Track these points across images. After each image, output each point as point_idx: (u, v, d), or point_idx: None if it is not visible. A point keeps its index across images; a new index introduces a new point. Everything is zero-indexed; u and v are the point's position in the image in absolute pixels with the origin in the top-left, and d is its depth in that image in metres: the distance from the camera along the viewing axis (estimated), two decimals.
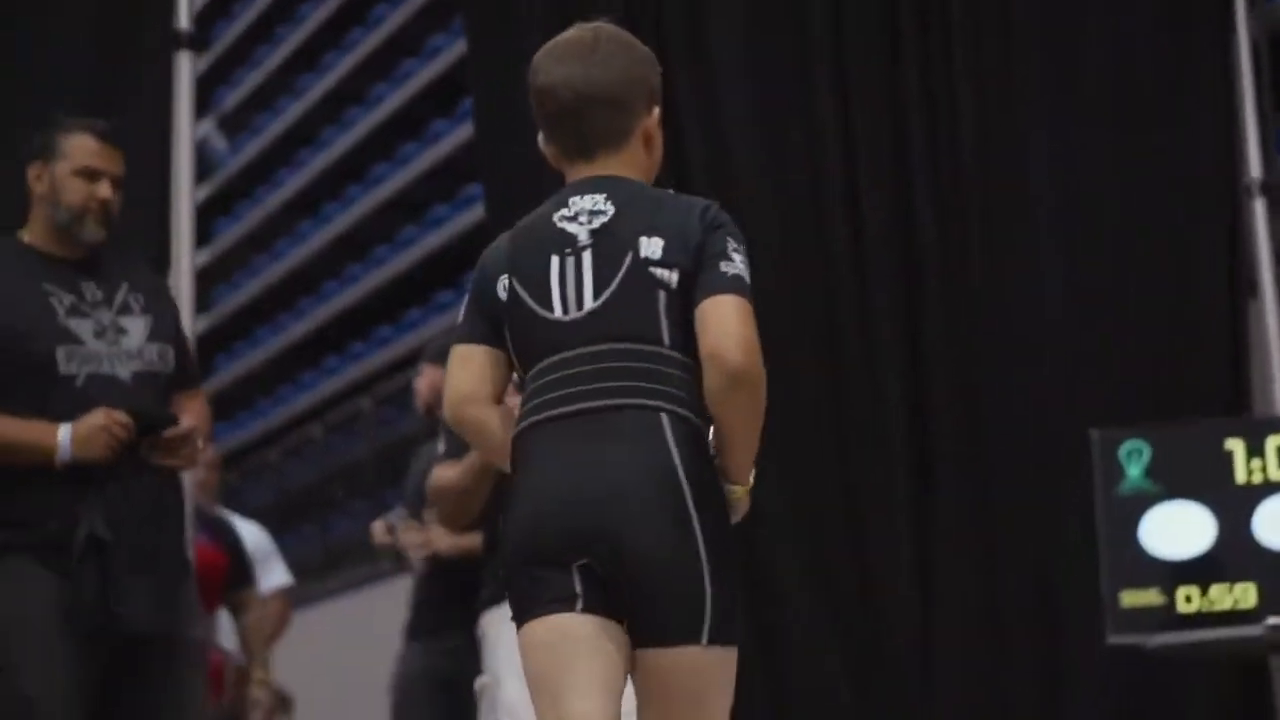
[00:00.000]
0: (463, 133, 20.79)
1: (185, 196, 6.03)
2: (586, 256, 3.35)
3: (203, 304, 26.09)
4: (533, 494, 3.31)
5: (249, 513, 14.43)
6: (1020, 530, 6.43)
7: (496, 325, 3.42)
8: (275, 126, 27.86)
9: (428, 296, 22.72)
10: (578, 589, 3.25)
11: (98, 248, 4.96)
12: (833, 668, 6.37)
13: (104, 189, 4.91)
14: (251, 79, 28.83)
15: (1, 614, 4.79)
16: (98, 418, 4.76)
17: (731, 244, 3.35)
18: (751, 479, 3.42)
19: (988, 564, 6.44)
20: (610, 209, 3.38)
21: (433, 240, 22.93)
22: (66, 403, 4.80)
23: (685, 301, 3.31)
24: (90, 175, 4.91)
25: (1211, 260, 6.54)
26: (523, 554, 3.32)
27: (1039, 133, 6.61)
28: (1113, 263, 6.54)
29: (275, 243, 27.56)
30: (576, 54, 3.44)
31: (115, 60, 5.96)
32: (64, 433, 4.77)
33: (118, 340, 4.88)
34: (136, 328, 4.93)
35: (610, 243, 3.35)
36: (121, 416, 4.77)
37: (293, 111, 27.31)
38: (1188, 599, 5.92)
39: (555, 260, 3.37)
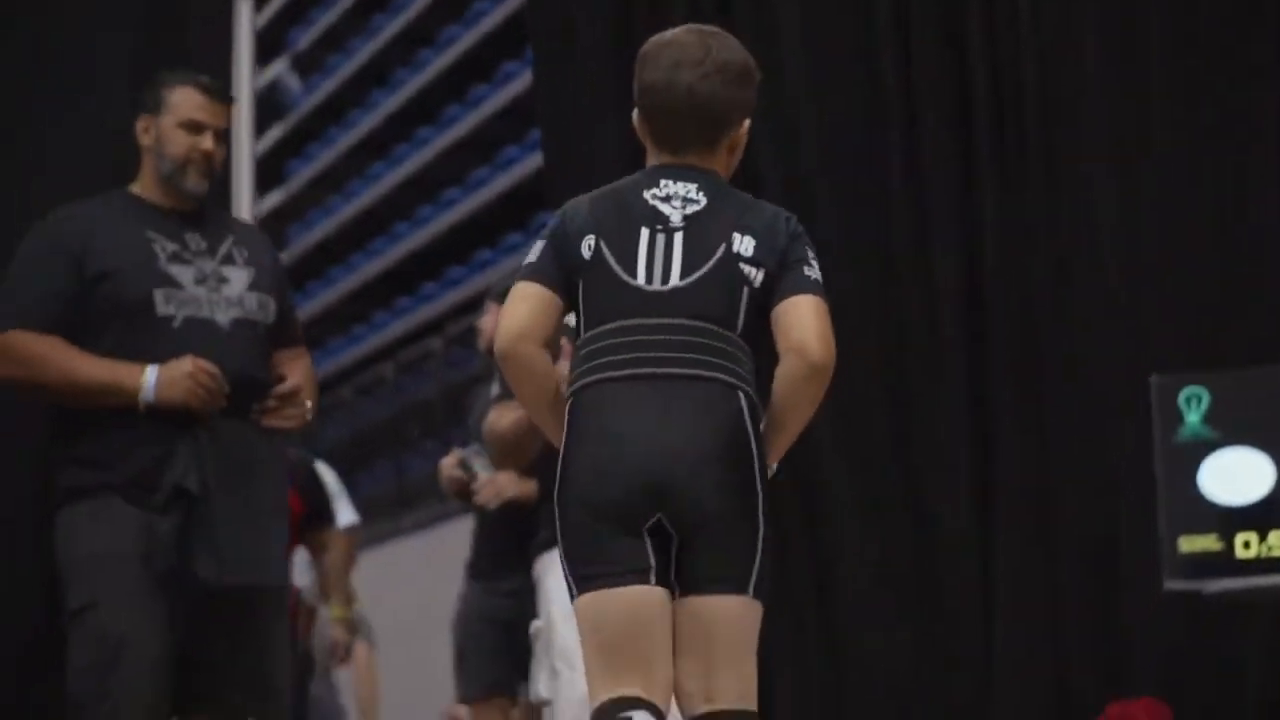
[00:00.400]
0: None
1: (245, 144, 6.14)
2: (678, 238, 3.55)
3: (277, 244, 26.14)
4: (607, 443, 3.47)
5: (323, 451, 14.55)
6: (1079, 476, 6.45)
7: (569, 278, 3.57)
8: (348, 67, 27.90)
9: (498, 237, 22.76)
10: (651, 560, 3.45)
11: (201, 199, 5.08)
12: (890, 614, 6.42)
13: (207, 141, 5.05)
14: (324, 19, 28.89)
15: (89, 552, 4.89)
16: (185, 365, 4.84)
17: (810, 253, 3.61)
18: (775, 467, 3.63)
19: (1046, 509, 6.47)
20: (703, 199, 3.59)
21: (503, 181, 22.95)
22: (163, 344, 4.90)
23: (763, 300, 3.55)
24: (194, 128, 5.04)
25: (1272, 206, 6.51)
26: (590, 505, 3.46)
27: (1099, 82, 6.61)
28: (1172, 208, 6.53)
29: (348, 183, 27.63)
30: (689, 62, 3.61)
31: (176, 7, 6.02)
32: (149, 375, 4.86)
33: (218, 288, 4.98)
34: (239, 278, 5.04)
35: (703, 231, 3.56)
36: (208, 365, 4.85)
37: (365, 51, 27.34)
38: (1246, 545, 5.91)
39: (645, 232, 3.56)
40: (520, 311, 3.54)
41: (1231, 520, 5.92)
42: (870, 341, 6.53)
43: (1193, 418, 5.97)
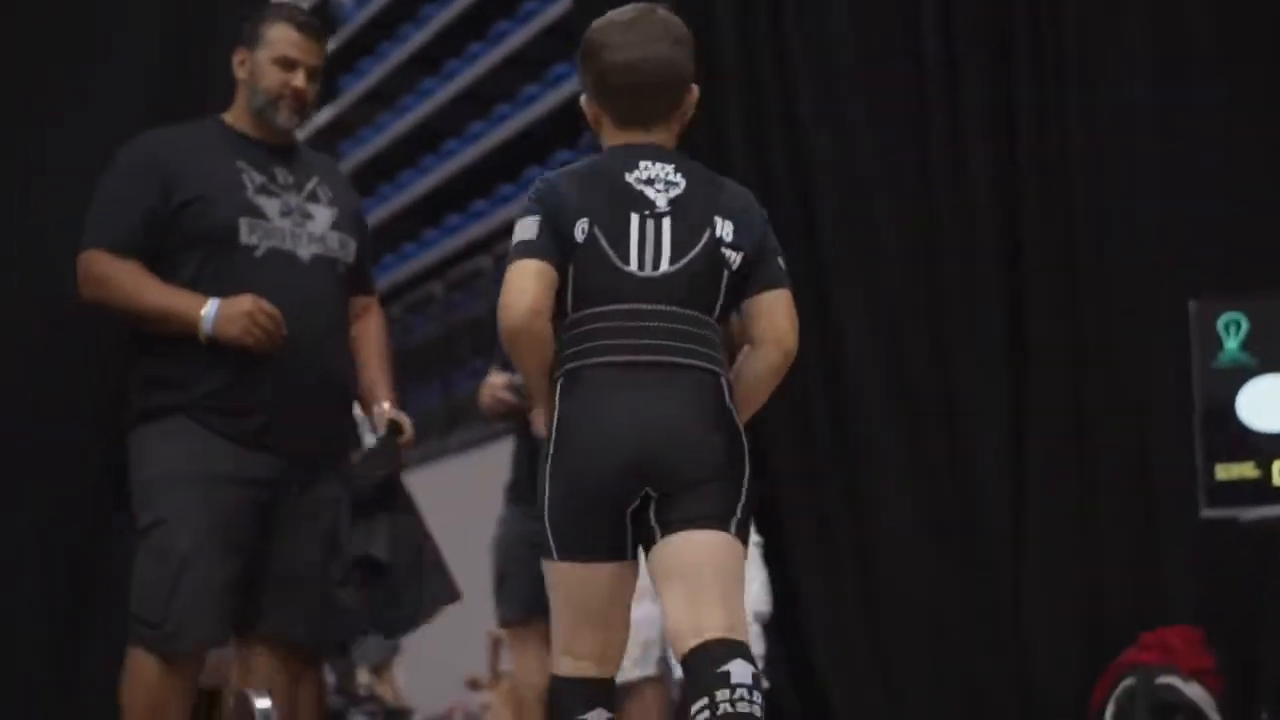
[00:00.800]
0: None
1: None
2: (666, 223, 3.70)
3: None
4: (600, 426, 3.63)
5: None
6: (1115, 402, 6.45)
7: (564, 258, 3.70)
8: None
9: (548, 154, 22.72)
10: (628, 537, 3.66)
11: (292, 134, 5.16)
12: (925, 541, 6.43)
13: (299, 78, 5.12)
14: None
15: (159, 472, 4.95)
16: (244, 303, 4.90)
17: (776, 241, 3.79)
18: None
19: (1083, 435, 6.47)
20: (682, 181, 3.74)
21: (553, 98, 22.90)
22: (244, 273, 4.97)
23: (738, 281, 3.72)
24: (287, 64, 5.12)
25: None
26: (581, 484, 3.64)
27: (1144, 15, 6.59)
28: (1211, 133, 6.49)
29: (399, 99, 27.62)
30: (645, 37, 3.76)
31: None
32: (210, 308, 4.92)
33: (303, 223, 5.07)
34: (323, 215, 5.12)
35: (687, 216, 3.71)
36: (268, 306, 4.91)
37: None
38: None
39: (635, 218, 3.70)
40: (529, 288, 3.66)
41: (1269, 448, 5.91)
42: (908, 274, 6.51)
43: (1231, 344, 5.96)
